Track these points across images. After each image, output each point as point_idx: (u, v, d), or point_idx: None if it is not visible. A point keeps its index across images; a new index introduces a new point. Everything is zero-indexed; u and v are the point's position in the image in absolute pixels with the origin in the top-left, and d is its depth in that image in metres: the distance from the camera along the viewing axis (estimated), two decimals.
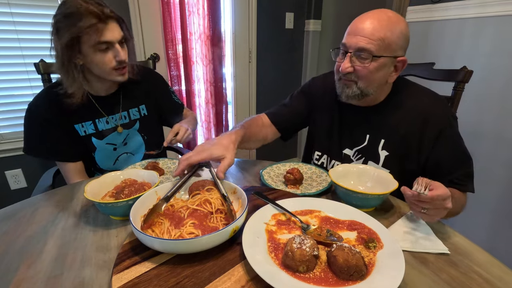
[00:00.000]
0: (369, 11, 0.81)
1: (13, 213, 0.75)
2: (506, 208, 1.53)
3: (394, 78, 0.86)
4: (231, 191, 0.72)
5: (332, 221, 0.67)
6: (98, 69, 0.94)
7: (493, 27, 1.44)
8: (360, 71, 0.81)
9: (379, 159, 0.90)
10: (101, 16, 0.85)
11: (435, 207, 0.62)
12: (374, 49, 0.78)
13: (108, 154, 1.10)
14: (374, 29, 0.77)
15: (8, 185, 1.81)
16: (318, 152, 1.05)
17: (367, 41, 0.77)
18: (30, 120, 0.98)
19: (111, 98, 1.06)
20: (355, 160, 0.95)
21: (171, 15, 1.94)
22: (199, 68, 2.18)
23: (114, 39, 0.90)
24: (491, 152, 1.53)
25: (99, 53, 0.89)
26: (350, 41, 0.80)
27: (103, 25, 0.86)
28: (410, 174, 0.85)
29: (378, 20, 0.77)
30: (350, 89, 0.85)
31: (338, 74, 0.87)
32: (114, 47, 0.91)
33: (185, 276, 0.52)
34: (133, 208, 0.61)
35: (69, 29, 0.84)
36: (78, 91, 0.94)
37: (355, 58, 0.81)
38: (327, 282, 0.50)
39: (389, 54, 0.80)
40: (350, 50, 0.81)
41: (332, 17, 2.67)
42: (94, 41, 0.86)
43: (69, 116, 0.99)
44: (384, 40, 0.77)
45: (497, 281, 0.54)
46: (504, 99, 1.46)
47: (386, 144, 0.89)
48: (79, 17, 0.83)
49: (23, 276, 0.54)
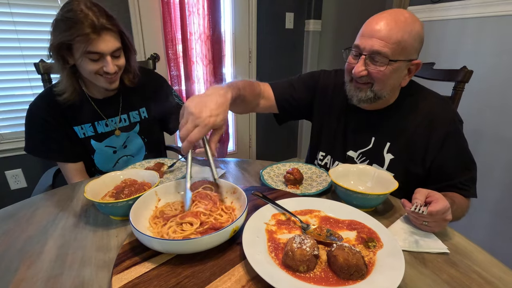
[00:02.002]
0: (384, 11, 0.76)
1: (13, 213, 0.75)
2: (506, 208, 1.53)
3: (407, 82, 0.83)
4: (231, 191, 0.72)
5: (332, 221, 0.67)
6: (86, 74, 0.94)
7: (494, 27, 1.44)
8: (375, 74, 0.77)
9: (384, 162, 0.89)
10: (96, 26, 0.84)
11: (435, 220, 0.63)
12: (390, 53, 0.74)
13: (107, 156, 1.09)
14: (390, 31, 0.72)
15: (8, 185, 1.81)
16: (322, 153, 1.03)
17: (383, 44, 0.73)
18: (30, 121, 0.99)
19: (111, 101, 1.06)
20: (359, 163, 0.93)
21: (171, 15, 1.94)
22: (199, 68, 2.17)
23: (106, 51, 0.88)
24: (491, 152, 1.53)
25: (88, 61, 0.88)
26: (365, 43, 0.76)
27: (95, 36, 0.84)
28: (415, 178, 0.86)
29: (395, 22, 0.73)
30: (363, 92, 0.82)
31: (350, 76, 0.83)
32: (105, 59, 0.89)
33: (185, 276, 0.52)
34: (133, 208, 0.61)
35: (61, 33, 0.85)
36: (68, 89, 0.94)
37: (369, 61, 0.77)
38: (328, 281, 0.50)
39: (405, 58, 0.76)
40: (364, 52, 0.77)
41: (332, 17, 2.67)
42: (84, 50, 0.85)
43: (68, 118, 1.00)
44: (401, 43, 0.73)
45: (497, 281, 0.54)
46: (504, 99, 1.46)
47: (392, 147, 0.87)
48: (74, 23, 0.83)
49: (23, 276, 0.54)
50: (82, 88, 1.00)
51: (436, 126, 0.83)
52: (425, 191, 0.65)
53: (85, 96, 1.01)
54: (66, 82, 0.94)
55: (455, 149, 0.83)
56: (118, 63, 0.94)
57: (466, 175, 0.83)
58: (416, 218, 0.65)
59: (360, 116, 0.93)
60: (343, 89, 0.90)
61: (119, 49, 0.93)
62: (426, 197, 0.65)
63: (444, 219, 0.63)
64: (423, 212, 0.60)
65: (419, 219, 0.64)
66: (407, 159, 0.86)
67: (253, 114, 2.58)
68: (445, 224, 0.65)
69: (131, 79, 1.05)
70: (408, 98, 0.87)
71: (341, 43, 2.78)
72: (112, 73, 0.92)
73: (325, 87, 1.01)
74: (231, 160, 1.11)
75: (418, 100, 0.87)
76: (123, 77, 1.03)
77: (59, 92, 0.95)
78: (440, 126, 0.82)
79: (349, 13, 2.74)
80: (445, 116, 0.83)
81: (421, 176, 0.87)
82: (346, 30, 2.76)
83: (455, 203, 0.74)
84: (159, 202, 0.70)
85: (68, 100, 0.95)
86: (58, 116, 0.98)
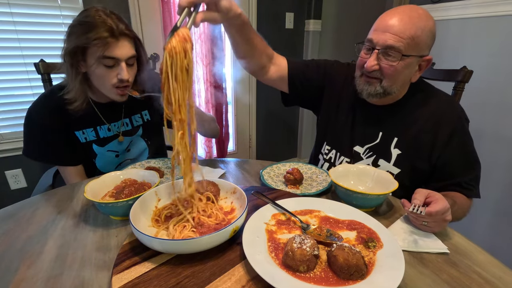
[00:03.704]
0: (398, 7, 0.78)
1: (13, 213, 0.75)
2: (506, 208, 1.53)
3: (417, 77, 0.84)
4: (231, 191, 0.72)
5: (332, 221, 0.67)
6: (98, 83, 0.92)
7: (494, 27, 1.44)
8: (387, 69, 0.78)
9: (391, 157, 0.89)
10: (114, 31, 0.83)
11: (434, 220, 0.63)
12: (403, 47, 0.74)
13: (110, 160, 1.09)
14: (404, 26, 0.73)
15: (8, 185, 1.81)
16: (328, 147, 1.02)
17: (397, 39, 0.74)
18: (29, 126, 0.97)
19: (113, 105, 1.04)
20: (365, 158, 0.93)
21: (171, 15, 1.94)
22: (199, 68, 2.17)
23: (122, 57, 0.87)
24: (491, 152, 1.53)
25: (103, 68, 0.87)
26: (378, 38, 0.76)
27: (113, 40, 0.84)
28: (421, 174, 0.86)
29: (409, 17, 0.74)
30: (372, 87, 0.82)
31: (361, 70, 0.84)
32: (120, 65, 0.88)
33: (185, 276, 0.52)
34: (133, 208, 0.61)
35: (78, 37, 0.83)
36: (79, 97, 0.92)
37: (381, 55, 0.77)
38: (328, 281, 0.50)
39: (417, 54, 0.77)
40: (377, 47, 0.77)
41: (332, 17, 2.67)
42: (100, 54, 0.84)
43: (69, 123, 0.98)
44: (414, 39, 0.74)
45: (497, 281, 0.54)
46: (504, 99, 1.46)
47: (399, 142, 0.87)
48: (92, 28, 0.82)
49: (23, 276, 0.54)
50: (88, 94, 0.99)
51: (443, 123, 0.83)
52: (425, 192, 0.65)
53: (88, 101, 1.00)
54: (78, 90, 0.91)
55: (460, 147, 0.83)
56: (132, 71, 0.93)
57: (471, 174, 0.83)
58: (415, 218, 0.66)
59: (368, 110, 0.92)
60: (353, 83, 0.90)
61: (134, 57, 0.92)
62: (426, 198, 0.65)
63: (444, 219, 0.63)
64: (421, 212, 0.60)
65: (419, 219, 0.65)
66: (414, 154, 0.86)
67: (253, 114, 2.58)
68: (445, 224, 0.65)
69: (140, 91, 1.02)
70: (417, 94, 0.88)
71: (341, 43, 2.78)
72: (126, 80, 0.90)
73: (336, 76, 1.01)
74: (231, 160, 1.11)
75: (426, 96, 0.87)
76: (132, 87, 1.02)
77: (70, 100, 0.92)
78: (446, 123, 0.83)
79: (349, 13, 2.74)
80: (452, 113, 0.84)
81: (427, 173, 0.87)
82: (346, 30, 2.76)
83: (456, 204, 0.74)
84: (159, 202, 0.70)
85: (79, 110, 0.93)
86: (59, 121, 0.96)
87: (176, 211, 0.66)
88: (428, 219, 0.63)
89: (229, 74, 2.38)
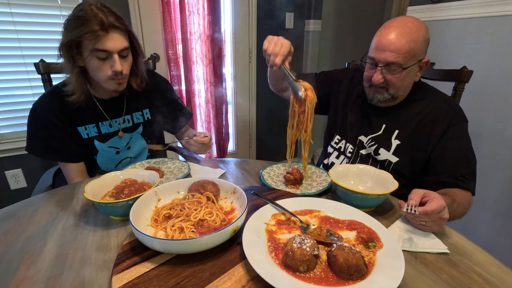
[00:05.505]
0: (390, 21, 0.87)
1: (13, 213, 0.75)
2: (506, 208, 1.53)
3: (419, 77, 0.93)
4: (231, 191, 0.72)
5: (332, 221, 0.67)
6: (94, 75, 0.94)
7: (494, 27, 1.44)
8: (392, 80, 0.88)
9: (391, 147, 0.95)
10: (104, 24, 0.85)
11: (432, 219, 0.64)
12: (403, 61, 0.84)
13: (110, 157, 1.09)
14: (400, 44, 0.83)
15: (8, 185, 1.81)
16: (338, 137, 1.11)
17: (396, 56, 0.84)
18: (33, 120, 0.98)
19: (115, 101, 1.06)
20: (367, 147, 1.00)
21: (171, 15, 1.94)
22: (199, 68, 2.17)
23: (113, 49, 0.88)
24: (491, 152, 1.53)
25: (96, 60, 0.89)
26: (379, 56, 0.86)
27: (103, 33, 0.85)
28: (418, 164, 0.92)
29: (402, 35, 0.83)
30: (381, 95, 0.93)
31: (369, 83, 0.94)
32: (112, 57, 0.90)
33: (185, 276, 0.52)
34: (133, 208, 0.61)
35: (71, 31, 0.86)
36: (77, 90, 0.94)
37: (385, 70, 0.87)
38: (328, 281, 0.50)
39: (416, 61, 0.87)
40: (380, 64, 0.87)
41: (332, 17, 2.66)
42: (92, 47, 0.86)
43: (72, 118, 0.99)
44: (410, 52, 0.83)
45: (497, 281, 0.54)
46: (504, 99, 1.46)
47: (400, 134, 0.95)
48: (84, 21, 0.84)
49: (23, 276, 0.54)
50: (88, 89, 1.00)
51: (440, 118, 0.90)
52: (421, 192, 0.66)
53: (90, 96, 1.01)
54: (75, 83, 0.94)
55: (456, 141, 0.88)
56: (126, 63, 0.94)
57: (466, 168, 0.86)
58: (413, 218, 0.66)
59: (376, 107, 1.00)
60: (360, 85, 1.02)
61: (127, 49, 0.93)
62: (422, 197, 0.65)
63: (441, 218, 0.64)
64: (415, 212, 0.60)
65: (416, 219, 0.65)
66: (413, 145, 0.93)
67: (253, 114, 2.59)
68: (443, 223, 0.66)
69: (138, 83, 1.05)
70: (418, 92, 0.96)
71: (341, 43, 2.78)
72: (120, 72, 0.92)
73: (343, 80, 1.13)
74: (231, 160, 1.11)
75: (427, 94, 0.96)
76: (130, 80, 1.03)
77: (69, 93, 0.95)
78: (443, 118, 0.90)
79: (349, 13, 2.74)
80: (450, 110, 0.91)
81: (424, 163, 0.92)
82: (346, 30, 2.76)
83: (455, 201, 0.75)
84: (159, 202, 0.70)
85: (77, 102, 0.95)
86: (63, 117, 0.98)
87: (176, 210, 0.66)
88: (425, 218, 0.64)
89: (229, 74, 2.38)
